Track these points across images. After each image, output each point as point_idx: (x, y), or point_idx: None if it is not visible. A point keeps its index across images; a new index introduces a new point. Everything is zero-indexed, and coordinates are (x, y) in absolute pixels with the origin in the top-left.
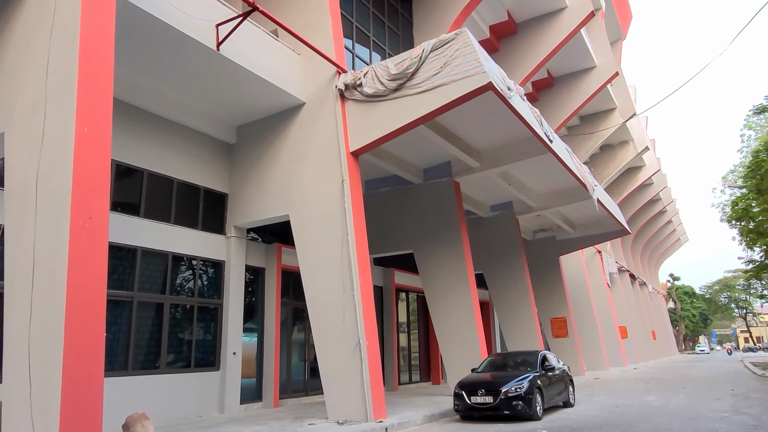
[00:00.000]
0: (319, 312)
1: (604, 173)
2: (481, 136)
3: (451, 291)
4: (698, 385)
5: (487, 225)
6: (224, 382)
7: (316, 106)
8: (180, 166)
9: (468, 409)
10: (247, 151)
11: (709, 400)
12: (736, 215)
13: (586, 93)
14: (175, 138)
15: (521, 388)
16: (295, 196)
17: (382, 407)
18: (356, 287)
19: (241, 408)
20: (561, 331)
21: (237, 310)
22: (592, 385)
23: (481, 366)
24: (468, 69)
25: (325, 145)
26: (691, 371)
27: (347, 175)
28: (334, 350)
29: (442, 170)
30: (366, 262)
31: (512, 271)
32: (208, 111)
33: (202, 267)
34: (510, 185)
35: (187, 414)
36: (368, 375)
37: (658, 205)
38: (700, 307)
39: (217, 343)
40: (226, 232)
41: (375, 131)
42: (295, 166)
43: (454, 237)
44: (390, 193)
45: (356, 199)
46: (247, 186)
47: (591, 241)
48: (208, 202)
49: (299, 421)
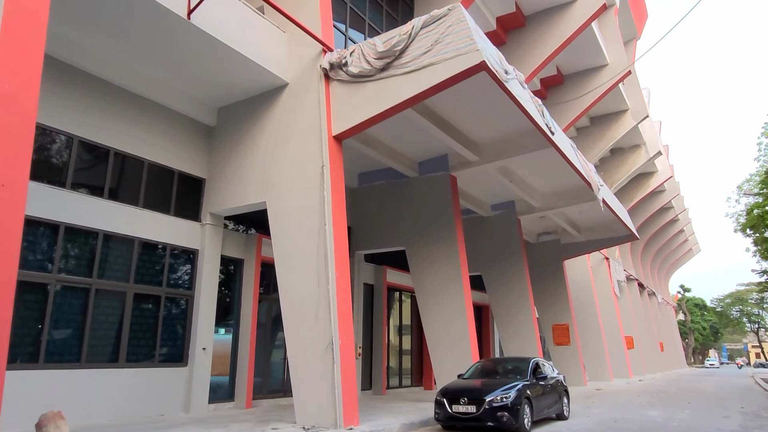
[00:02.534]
0: (291, 308)
1: (614, 178)
2: (479, 127)
3: (443, 291)
4: (705, 400)
5: (488, 225)
6: (191, 380)
7: (300, 87)
8: (152, 147)
9: (449, 419)
10: (228, 135)
11: (716, 417)
12: (751, 223)
13: (596, 92)
14: (147, 117)
15: (507, 397)
16: (274, 183)
17: (354, 413)
18: (332, 282)
19: (210, 408)
20: (563, 338)
21: (209, 303)
22: (593, 396)
23: (468, 372)
24: (460, 47)
25: (307, 128)
26: (698, 385)
27: (327, 160)
28: (305, 349)
29: (439, 163)
30: (344, 256)
31: (512, 274)
32: (186, 90)
33: (172, 255)
34: (511, 182)
35: (149, 412)
36: (340, 377)
37: (670, 213)
38: (711, 320)
39: (186, 338)
40: (201, 220)
41: (359, 114)
42: (275, 150)
43: (448, 234)
44: (384, 186)
45: (337, 187)
46: (225, 171)
47: (597, 246)
48: (182, 187)
49: (263, 425)
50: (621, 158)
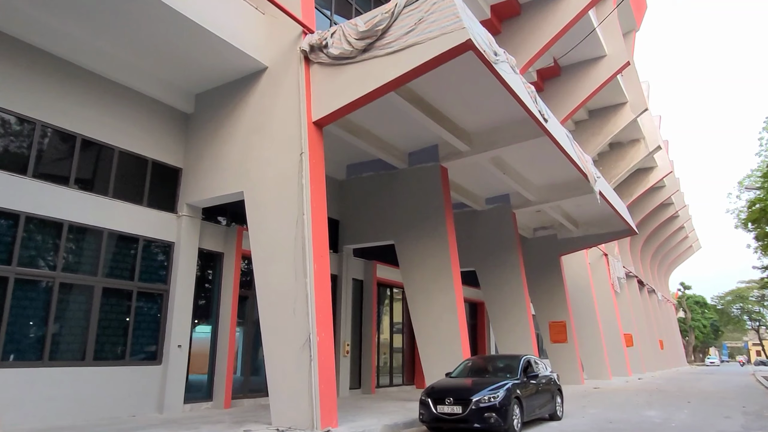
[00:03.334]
0: (268, 303)
1: (613, 173)
2: (470, 116)
3: (433, 286)
4: (706, 399)
5: (482, 219)
6: (166, 379)
7: (279, 71)
8: (123, 135)
9: (433, 420)
10: (205, 122)
11: (716, 417)
12: (752, 218)
13: (595, 83)
14: (118, 102)
15: (496, 397)
16: (252, 172)
17: (332, 414)
18: (310, 275)
19: (186, 408)
20: (560, 336)
21: (185, 298)
22: (590, 395)
23: (457, 370)
24: (445, 25)
25: (286, 114)
26: (698, 384)
27: (307, 147)
28: (281, 347)
29: (429, 154)
30: (323, 247)
31: (507, 269)
32: (160, 75)
33: (145, 248)
34: (505, 174)
35: (119, 413)
36: (317, 376)
37: (670, 210)
38: (712, 318)
39: (160, 335)
40: (177, 211)
41: (340, 98)
42: (253, 138)
43: (438, 227)
44: (373, 178)
45: (317, 176)
46: (202, 160)
47: (595, 241)
48: (157, 177)
49: (237, 426)
50: (620, 153)
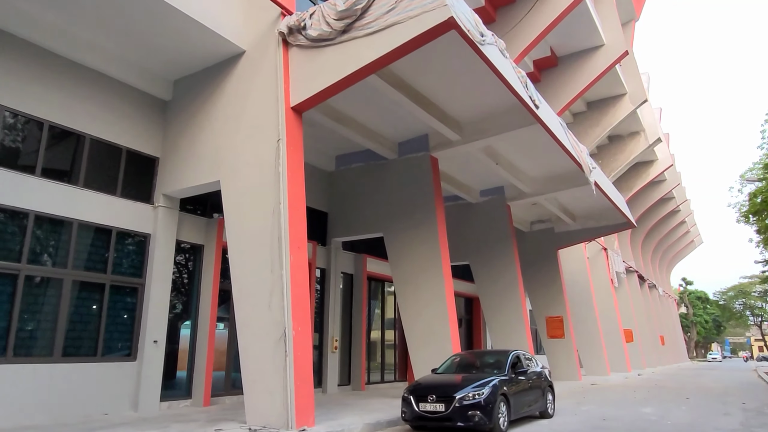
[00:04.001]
0: (243, 296)
1: (613, 166)
2: (460, 103)
3: (422, 279)
4: (705, 396)
5: (476, 211)
6: (141, 376)
7: (257, 54)
8: (95, 122)
9: (416, 419)
10: (183, 110)
11: (715, 415)
12: (753, 209)
13: (592, 74)
14: (90, 88)
15: (480, 394)
16: (228, 161)
17: (308, 412)
18: (286, 267)
19: (164, 406)
20: (557, 331)
21: (162, 292)
22: (586, 391)
23: (443, 366)
24: (426, 2)
25: (263, 99)
26: (699, 380)
27: (284, 133)
28: (256, 342)
29: (419, 144)
30: (301, 238)
31: (501, 263)
32: (135, 60)
33: (120, 240)
34: (498, 165)
35: (92, 411)
36: (292, 372)
37: (671, 204)
38: (714, 313)
39: (135, 330)
40: (153, 202)
41: (319, 82)
42: (230, 125)
43: (428, 219)
44: (362, 169)
45: (295, 163)
46: (180, 149)
47: (592, 235)
48: (132, 166)
49: (209, 425)
50: (619, 145)
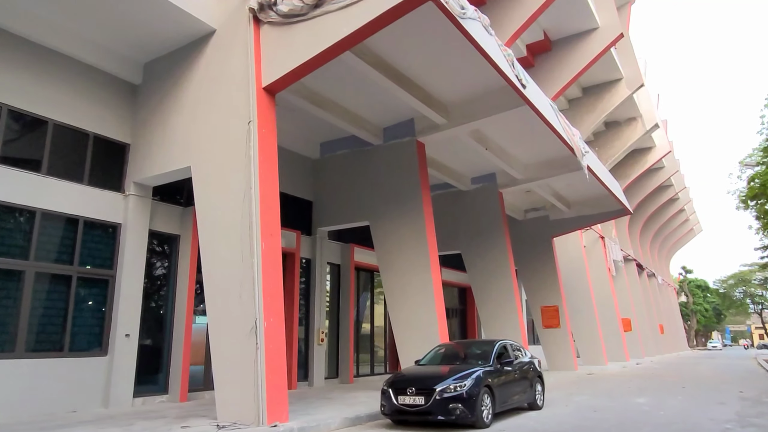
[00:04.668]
0: (214, 287)
1: (610, 152)
2: (445, 85)
3: (409, 268)
4: (702, 384)
5: (468, 199)
6: (112, 371)
7: (227, 33)
8: (59, 106)
9: (395, 412)
10: (153, 93)
11: (711, 404)
12: (752, 193)
13: (587, 57)
14: (55, 72)
15: (462, 386)
16: (199, 145)
17: (281, 407)
18: (257, 255)
19: (138, 402)
20: (552, 321)
21: (134, 284)
22: (581, 381)
23: (426, 357)
24: None
25: (234, 80)
26: (697, 368)
27: (255, 114)
28: (227, 335)
29: (405, 128)
30: (274, 225)
31: (494, 252)
32: (102, 41)
33: (87, 230)
34: (487, 150)
35: (59, 408)
36: (264, 366)
37: (670, 192)
38: (714, 301)
39: (106, 323)
40: (124, 190)
41: (292, 60)
42: (201, 108)
43: (414, 206)
44: (347, 156)
45: (266, 146)
46: (150, 135)
47: (588, 222)
48: (100, 153)
49: (179, 422)
50: (616, 132)
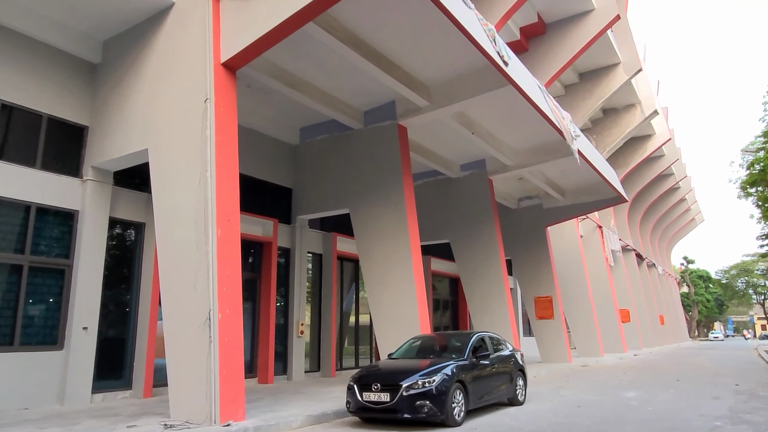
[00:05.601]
0: (170, 276)
1: (608, 140)
2: (425, 65)
3: (389, 257)
4: (697, 377)
5: (457, 187)
6: (68, 366)
7: (186, 6)
8: (7, 86)
9: (360, 410)
10: (112, 73)
11: (703, 398)
12: (752, 179)
13: (583, 40)
14: (8, 49)
15: (431, 382)
16: (157, 126)
17: (236, 405)
18: (212, 241)
19: (98, 398)
20: (546, 312)
21: (93, 275)
22: (573, 374)
23: (399, 350)
24: None
25: (193, 56)
26: (695, 359)
27: (213, 92)
28: (182, 327)
29: (385, 112)
30: (232, 210)
31: (483, 240)
32: (57, 17)
33: (40, 217)
34: (473, 134)
35: (10, 406)
36: (217, 360)
37: (670, 181)
38: (716, 292)
39: (61, 316)
40: (82, 175)
41: (251, 33)
42: (159, 87)
43: (395, 192)
44: (326, 141)
45: (225, 126)
46: (109, 116)
47: (583, 210)
48: (55, 136)
49: (127, 421)
50: (614, 119)
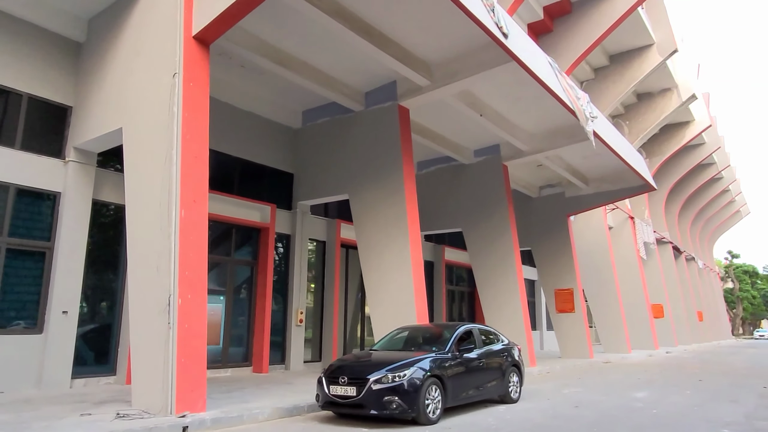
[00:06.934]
0: (136, 259)
1: (642, 126)
2: (425, 41)
3: (387, 243)
4: (723, 377)
5: (470, 173)
6: (46, 350)
7: None
8: None
9: (327, 404)
10: (94, 51)
11: (720, 401)
12: None
13: (611, 18)
14: None
15: (401, 376)
16: (130, 104)
17: (196, 395)
18: (174, 222)
19: (79, 383)
20: (566, 305)
21: (74, 258)
22: (589, 371)
23: (382, 342)
24: None
25: (165, 29)
26: (729, 358)
27: (182, 66)
28: (144, 312)
29: (386, 92)
30: (200, 190)
31: (496, 229)
32: None
33: (19, 199)
34: (482, 116)
35: None
36: (176, 348)
37: (712, 170)
38: (763, 288)
39: (41, 299)
40: (65, 156)
41: (221, 2)
42: (134, 63)
43: (395, 176)
44: (328, 124)
45: (194, 102)
46: (89, 95)
47: (607, 199)
48: (36, 116)
49: (92, 408)
50: (649, 104)
